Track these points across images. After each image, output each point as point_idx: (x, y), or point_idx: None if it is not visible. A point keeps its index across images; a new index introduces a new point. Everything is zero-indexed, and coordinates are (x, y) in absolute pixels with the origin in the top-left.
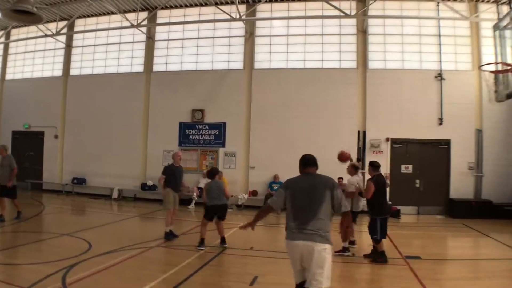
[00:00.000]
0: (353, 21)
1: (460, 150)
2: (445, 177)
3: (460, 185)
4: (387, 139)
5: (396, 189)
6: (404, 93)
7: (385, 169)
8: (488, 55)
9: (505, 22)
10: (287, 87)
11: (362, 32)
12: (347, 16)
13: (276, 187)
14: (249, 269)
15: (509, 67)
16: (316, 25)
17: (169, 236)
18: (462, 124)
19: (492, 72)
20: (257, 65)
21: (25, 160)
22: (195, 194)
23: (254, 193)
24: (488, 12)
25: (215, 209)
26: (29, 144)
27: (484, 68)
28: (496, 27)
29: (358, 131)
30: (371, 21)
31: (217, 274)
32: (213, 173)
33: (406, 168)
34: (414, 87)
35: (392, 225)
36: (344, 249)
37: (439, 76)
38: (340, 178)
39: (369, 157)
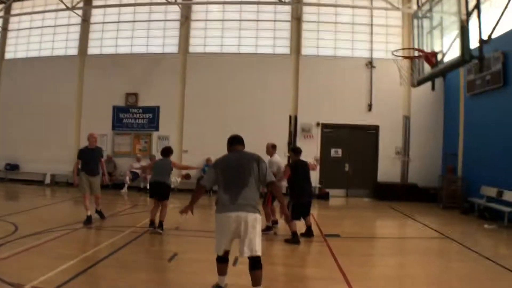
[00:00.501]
0: (288, 8)
1: (388, 136)
2: (373, 161)
3: (388, 169)
4: (318, 124)
5: (326, 173)
6: (335, 79)
7: (315, 153)
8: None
9: (423, 12)
10: (221, 72)
11: (297, 19)
12: (282, 2)
13: None
14: (170, 247)
15: (421, 54)
16: (252, 10)
17: (88, 220)
18: (390, 111)
19: (404, 57)
20: (192, 49)
21: None
22: (127, 178)
23: (187, 176)
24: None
25: (155, 185)
26: None
27: (396, 54)
28: (415, 16)
29: (290, 116)
30: (305, 9)
31: (138, 252)
32: (164, 151)
33: (336, 153)
34: (346, 74)
35: (320, 207)
36: (267, 228)
37: (370, 64)
38: None
39: (300, 141)
